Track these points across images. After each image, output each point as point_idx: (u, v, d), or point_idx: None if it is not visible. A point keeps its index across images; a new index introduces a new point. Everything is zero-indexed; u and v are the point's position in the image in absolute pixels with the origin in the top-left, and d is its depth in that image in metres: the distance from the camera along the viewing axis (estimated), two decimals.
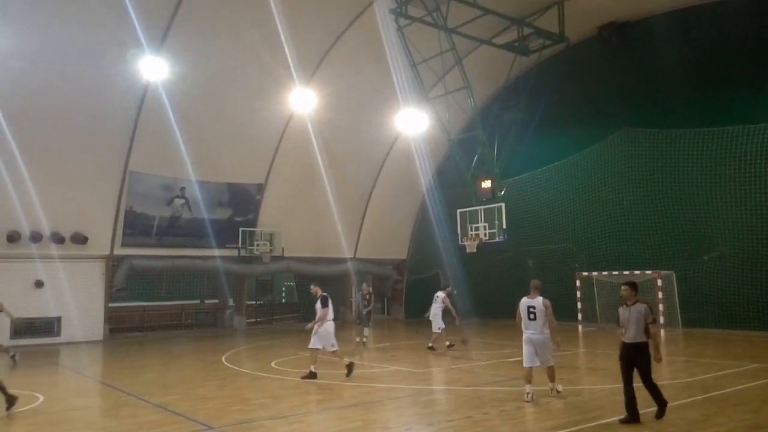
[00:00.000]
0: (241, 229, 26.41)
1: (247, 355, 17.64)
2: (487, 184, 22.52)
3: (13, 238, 20.86)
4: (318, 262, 28.76)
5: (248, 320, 28.18)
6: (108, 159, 22.31)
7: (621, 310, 8.39)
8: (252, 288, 29.77)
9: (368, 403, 10.16)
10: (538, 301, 9.85)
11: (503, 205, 22.03)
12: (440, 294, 17.47)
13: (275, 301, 32.55)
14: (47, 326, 21.64)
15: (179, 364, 16.52)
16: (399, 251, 32.30)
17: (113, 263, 23.51)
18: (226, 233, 26.24)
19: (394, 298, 32.69)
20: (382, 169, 29.61)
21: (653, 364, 8.17)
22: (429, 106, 23.17)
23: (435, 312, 17.09)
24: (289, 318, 31.22)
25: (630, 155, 23.06)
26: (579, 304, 22.96)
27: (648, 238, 22.50)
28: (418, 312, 31.05)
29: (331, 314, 12.52)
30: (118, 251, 23.59)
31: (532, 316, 9.80)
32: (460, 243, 23.58)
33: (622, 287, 8.51)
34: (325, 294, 12.67)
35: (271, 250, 26.76)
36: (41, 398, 10.92)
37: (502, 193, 22.61)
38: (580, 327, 22.66)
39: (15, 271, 20.78)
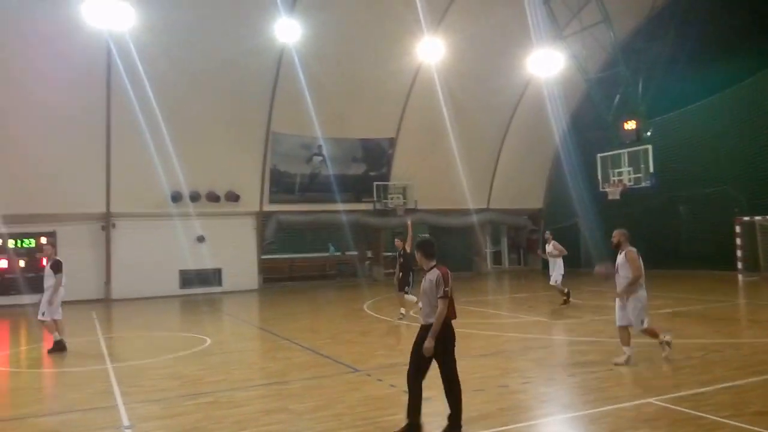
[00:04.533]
0: (375, 183, 27.14)
1: (386, 304, 18.34)
2: (630, 125, 21.02)
3: (176, 198, 23.23)
4: (450, 213, 28.86)
5: (386, 271, 29.19)
6: (253, 122, 23.85)
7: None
8: (388, 240, 30.67)
9: (506, 352, 10.21)
10: None
11: (650, 147, 20.49)
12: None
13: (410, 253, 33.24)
14: (211, 277, 24.04)
15: (326, 311, 17.63)
16: (534, 200, 31.42)
17: (263, 219, 25.37)
18: (362, 187, 27.16)
19: (530, 248, 32.04)
20: (514, 115, 28.68)
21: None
22: (563, 44, 21.87)
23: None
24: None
25: None
26: (739, 252, 21.02)
27: None
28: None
29: (63, 280, 11.37)
30: (267, 208, 25.41)
31: None
32: (600, 190, 22.40)
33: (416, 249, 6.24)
34: (59, 258, 11.52)
35: (404, 203, 27.28)
36: (209, 341, 12.23)
37: (649, 134, 20.99)
38: (740, 276, 20.80)
39: (180, 228, 23.13)
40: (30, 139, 20.24)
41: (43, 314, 11.30)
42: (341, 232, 28.95)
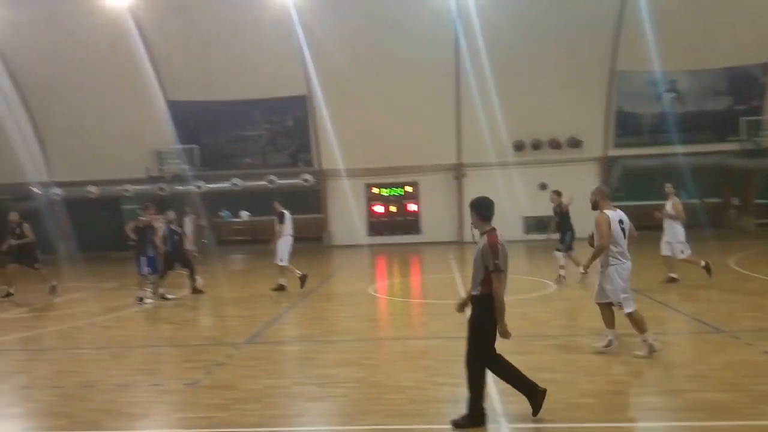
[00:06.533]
0: (743, 118, 23.18)
1: (757, 260, 15.81)
2: None
3: (519, 146, 23.98)
4: None
5: (757, 221, 24.95)
6: (594, 63, 22.70)
7: None
8: (761, 185, 26.04)
9: None
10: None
11: None
12: None
13: None
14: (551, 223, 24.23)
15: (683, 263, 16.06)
16: None
17: (607, 164, 24.29)
18: (725, 125, 23.52)
19: None
20: None
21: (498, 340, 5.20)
22: None
23: None
24: None
25: None
26: None
27: None
28: None
29: (288, 230, 12.96)
30: (611, 152, 24.21)
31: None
32: None
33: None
34: (282, 210, 13.00)
35: None
36: (553, 286, 12.49)
37: None
38: None
39: (522, 176, 23.76)
40: (393, 99, 23.14)
41: (281, 260, 12.98)
42: (698, 176, 25.75)
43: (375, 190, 25.78)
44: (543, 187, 24.03)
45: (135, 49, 22.21)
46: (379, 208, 25.79)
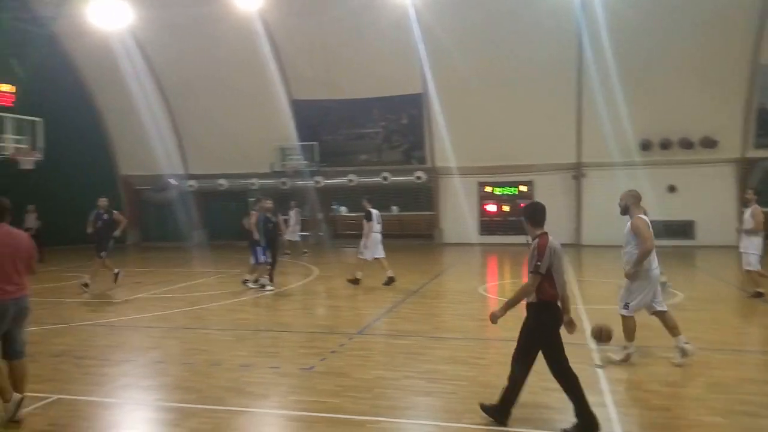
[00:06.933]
0: None
1: None
2: None
3: (646, 146, 22.65)
4: None
5: None
6: (733, 54, 20.94)
7: None
8: None
9: None
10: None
11: None
12: None
13: None
14: (681, 229, 22.62)
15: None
16: None
17: (745, 167, 22.26)
18: None
19: None
20: None
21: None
22: None
23: None
24: None
25: None
26: None
27: None
28: None
29: (375, 227, 13.25)
30: (751, 154, 22.15)
31: None
32: None
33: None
34: (369, 209, 13.36)
35: None
36: (680, 296, 11.69)
37: None
38: None
39: (649, 177, 22.36)
40: (510, 96, 22.65)
41: (361, 253, 13.55)
42: None
43: (488, 189, 25.46)
44: (672, 189, 22.57)
45: (263, 51, 23.57)
46: (491, 207, 25.45)
